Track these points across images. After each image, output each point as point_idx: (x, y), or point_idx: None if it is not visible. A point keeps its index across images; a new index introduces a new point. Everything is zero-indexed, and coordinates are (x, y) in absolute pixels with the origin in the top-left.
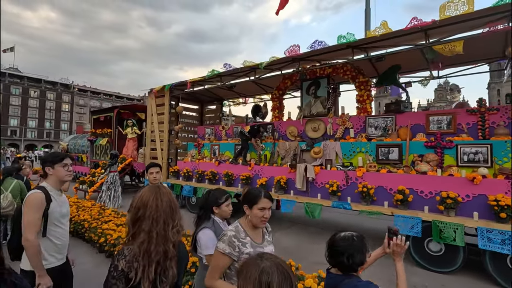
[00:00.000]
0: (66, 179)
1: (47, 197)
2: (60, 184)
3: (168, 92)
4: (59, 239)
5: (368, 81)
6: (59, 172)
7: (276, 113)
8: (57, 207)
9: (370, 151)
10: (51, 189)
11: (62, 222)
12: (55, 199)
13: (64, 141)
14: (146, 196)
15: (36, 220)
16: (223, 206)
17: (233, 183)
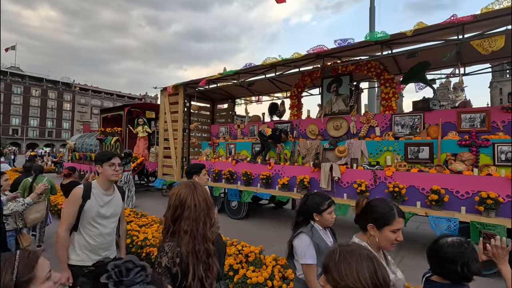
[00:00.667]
0: (112, 178)
1: (85, 194)
2: (107, 184)
3: (182, 90)
4: (93, 239)
5: (394, 79)
6: (106, 171)
7: (295, 111)
8: (95, 207)
9: (398, 149)
10: (96, 187)
11: (100, 223)
12: (96, 197)
13: (71, 140)
14: (183, 194)
15: (68, 214)
16: (325, 213)
17: (252, 183)
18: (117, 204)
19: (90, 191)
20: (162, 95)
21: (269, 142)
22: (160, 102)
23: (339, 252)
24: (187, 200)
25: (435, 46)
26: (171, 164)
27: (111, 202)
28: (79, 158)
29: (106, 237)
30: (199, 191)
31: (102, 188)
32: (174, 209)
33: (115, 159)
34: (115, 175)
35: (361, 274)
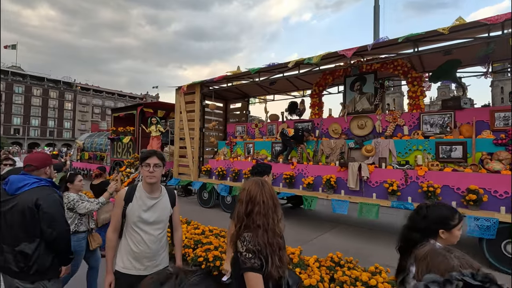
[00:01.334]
0: (147, 180)
1: (127, 196)
2: (150, 186)
3: (199, 89)
4: (136, 245)
5: (422, 77)
6: (142, 172)
7: (316, 110)
8: (137, 210)
9: (429, 149)
10: (140, 190)
11: (142, 229)
12: (138, 200)
13: (80, 139)
14: (253, 191)
15: (113, 216)
16: (455, 230)
17: (274, 182)
18: (163, 209)
19: (133, 193)
20: (177, 94)
21: (291, 142)
22: (175, 101)
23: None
24: (257, 196)
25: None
26: (186, 163)
27: (156, 207)
28: (88, 157)
29: (150, 245)
30: (267, 188)
31: (145, 190)
32: (246, 204)
33: (151, 158)
34: (150, 177)
35: None
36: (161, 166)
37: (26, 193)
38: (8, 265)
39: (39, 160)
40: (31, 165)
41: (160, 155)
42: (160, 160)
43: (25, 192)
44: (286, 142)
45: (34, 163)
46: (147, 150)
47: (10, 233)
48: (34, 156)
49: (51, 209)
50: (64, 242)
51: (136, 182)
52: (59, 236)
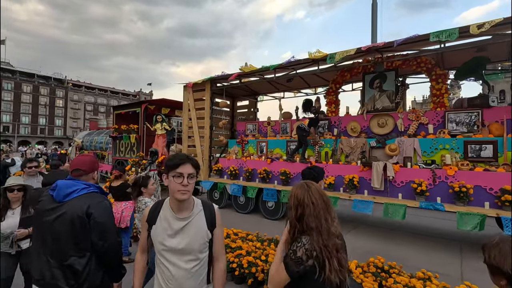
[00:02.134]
0: (179, 197)
1: (151, 215)
2: (177, 203)
3: (209, 86)
4: (165, 283)
5: (446, 74)
6: (171, 184)
7: (332, 107)
8: (160, 234)
9: (457, 148)
10: (166, 207)
11: (169, 260)
12: (163, 222)
13: (78, 138)
14: (300, 194)
15: (141, 236)
16: None
17: (290, 182)
18: (196, 232)
19: (158, 212)
20: (185, 91)
21: (307, 139)
22: (183, 98)
23: None
24: (304, 199)
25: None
26: None
27: (185, 230)
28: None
29: (183, 282)
30: (313, 189)
31: (171, 208)
32: (295, 209)
33: (185, 166)
34: (183, 192)
35: None
36: (195, 176)
37: (75, 200)
38: (56, 282)
39: (88, 164)
40: (79, 170)
41: (195, 162)
42: (195, 169)
43: (74, 199)
44: (302, 138)
45: (82, 167)
46: (178, 155)
47: (58, 246)
48: (82, 159)
49: (102, 219)
50: (116, 255)
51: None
52: (111, 248)
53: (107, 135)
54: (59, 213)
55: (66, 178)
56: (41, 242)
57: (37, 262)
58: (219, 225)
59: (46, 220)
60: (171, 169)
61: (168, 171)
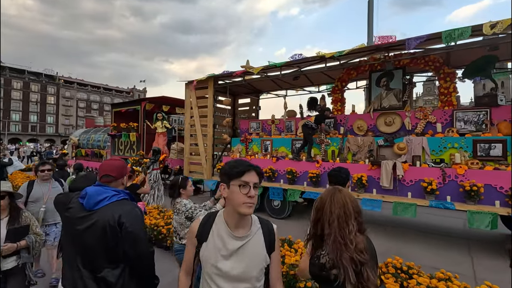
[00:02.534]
0: (243, 210)
1: (201, 230)
2: (237, 217)
3: (212, 84)
4: None
5: (455, 73)
6: (234, 195)
7: (338, 106)
8: (213, 255)
9: (466, 147)
10: (220, 221)
11: (220, 286)
12: (216, 239)
13: (74, 135)
14: (324, 198)
15: (186, 254)
16: None
17: (296, 181)
18: (254, 256)
19: (210, 226)
20: (187, 88)
21: (313, 138)
22: (185, 96)
23: None
24: (325, 204)
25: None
26: (198, 161)
27: (243, 252)
28: (85, 154)
29: None
30: (338, 197)
31: (228, 223)
32: (316, 212)
33: (250, 174)
34: (249, 205)
35: None
36: (257, 186)
37: (106, 208)
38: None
39: (118, 169)
40: (109, 175)
41: (259, 170)
42: (260, 177)
43: (104, 207)
44: (307, 136)
45: (113, 173)
46: (239, 162)
47: (90, 256)
48: (112, 164)
49: (135, 228)
50: (149, 265)
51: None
52: (144, 258)
53: (105, 133)
54: (90, 222)
55: (94, 184)
56: (73, 251)
57: (69, 273)
58: (277, 247)
59: (77, 229)
60: (233, 178)
61: (229, 179)
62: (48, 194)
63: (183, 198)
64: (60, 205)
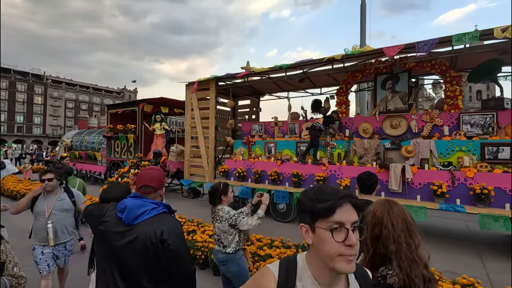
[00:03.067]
0: (341, 268)
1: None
2: (329, 275)
3: (214, 85)
4: None
5: (461, 76)
6: (326, 244)
7: (343, 108)
8: None
9: (473, 150)
10: (306, 277)
11: None
12: None
13: (67, 137)
14: (379, 212)
15: None
16: None
17: (302, 184)
18: None
19: (292, 283)
20: (187, 90)
21: (319, 140)
22: (185, 97)
23: None
24: (383, 218)
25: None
26: (199, 164)
27: None
28: (79, 157)
29: None
30: (396, 210)
31: (317, 280)
32: (372, 227)
33: (345, 210)
34: (348, 261)
35: None
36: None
37: (146, 223)
38: None
39: (158, 179)
40: (149, 186)
41: (356, 200)
42: (359, 211)
43: (144, 222)
44: (315, 138)
45: (152, 183)
46: (325, 190)
47: (129, 275)
48: (151, 173)
49: (177, 245)
50: (192, 284)
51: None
52: (186, 277)
53: (100, 135)
54: (129, 238)
55: (131, 195)
56: (109, 269)
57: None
58: None
59: (115, 245)
60: (320, 217)
61: (313, 219)
62: (52, 207)
63: (224, 205)
64: (93, 218)
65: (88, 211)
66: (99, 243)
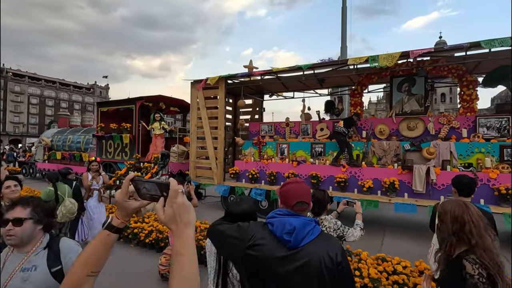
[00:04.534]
0: None
1: None
2: None
3: (224, 84)
4: None
5: (477, 81)
6: None
7: (358, 109)
8: None
9: (492, 151)
10: None
11: None
12: None
13: (46, 136)
14: (457, 211)
15: None
16: None
17: (321, 186)
18: None
19: None
20: (193, 88)
21: (348, 142)
22: (190, 96)
23: None
24: (464, 216)
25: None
26: (207, 165)
27: None
28: (62, 158)
29: None
30: (473, 210)
31: None
32: (452, 224)
33: None
34: None
35: None
36: None
37: (313, 244)
38: None
39: (309, 194)
40: (305, 203)
41: None
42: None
43: (311, 243)
44: (342, 142)
45: (307, 199)
46: None
47: None
48: (303, 188)
49: (348, 266)
50: None
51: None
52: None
53: (87, 134)
54: (299, 263)
55: (287, 214)
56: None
57: None
58: None
59: (279, 272)
60: None
61: None
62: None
63: (326, 215)
64: (233, 241)
65: (219, 233)
66: (250, 270)
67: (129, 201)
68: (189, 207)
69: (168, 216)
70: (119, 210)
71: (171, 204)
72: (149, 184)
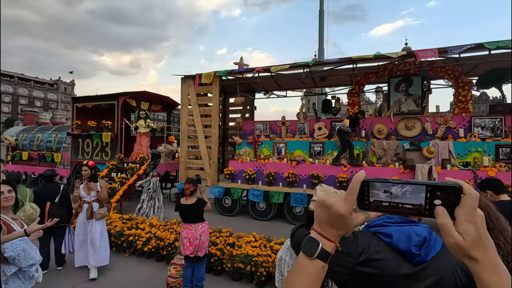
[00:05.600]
0: None
1: None
2: None
3: (218, 81)
4: None
5: (472, 82)
6: None
7: (356, 109)
8: None
9: (488, 150)
10: None
11: None
12: None
13: (9, 134)
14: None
15: None
16: None
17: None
18: None
19: None
20: (183, 84)
21: (351, 141)
22: (181, 92)
23: None
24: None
25: None
26: (199, 166)
27: None
28: (29, 158)
29: None
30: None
31: None
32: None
33: None
34: None
35: None
36: None
37: (439, 258)
38: None
39: None
40: None
41: None
42: None
43: (438, 255)
44: (345, 141)
45: None
46: None
47: None
48: None
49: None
50: None
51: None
52: None
53: (59, 132)
54: (429, 282)
55: (400, 221)
56: None
57: None
58: None
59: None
60: None
61: None
62: None
63: None
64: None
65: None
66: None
67: (355, 214)
68: None
69: (471, 238)
70: (331, 228)
71: (472, 219)
72: (400, 188)
